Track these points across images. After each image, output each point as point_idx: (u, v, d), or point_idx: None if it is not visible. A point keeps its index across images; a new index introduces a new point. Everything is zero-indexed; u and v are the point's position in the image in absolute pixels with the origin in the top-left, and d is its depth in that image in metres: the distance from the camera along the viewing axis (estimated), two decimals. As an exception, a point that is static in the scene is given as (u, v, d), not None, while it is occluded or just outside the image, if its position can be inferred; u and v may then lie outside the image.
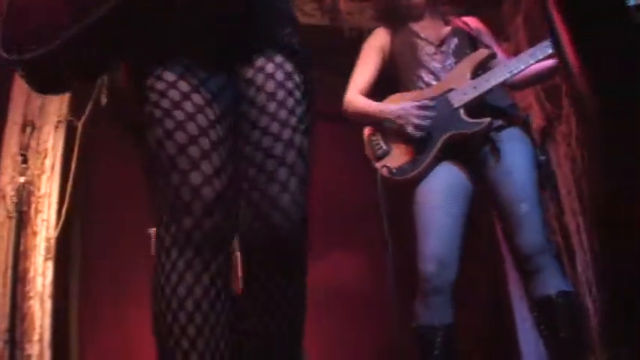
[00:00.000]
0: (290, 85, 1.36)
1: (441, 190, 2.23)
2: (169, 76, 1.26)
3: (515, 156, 2.23)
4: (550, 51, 2.17)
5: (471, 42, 2.38)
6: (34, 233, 2.88)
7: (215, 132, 1.26)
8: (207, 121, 1.25)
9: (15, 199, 2.79)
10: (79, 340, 3.88)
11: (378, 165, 2.33)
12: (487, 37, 2.48)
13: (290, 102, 1.34)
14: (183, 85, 1.26)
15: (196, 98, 1.26)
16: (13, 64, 1.23)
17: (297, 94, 1.36)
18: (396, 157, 2.30)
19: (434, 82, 2.34)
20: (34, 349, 2.76)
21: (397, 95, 2.39)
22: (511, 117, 2.32)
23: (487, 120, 2.21)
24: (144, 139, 1.29)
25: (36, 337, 2.78)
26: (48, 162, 2.98)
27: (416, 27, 2.45)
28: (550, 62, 2.28)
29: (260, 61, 1.37)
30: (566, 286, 2.16)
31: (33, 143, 2.97)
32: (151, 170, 1.29)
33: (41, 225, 2.90)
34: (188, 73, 1.28)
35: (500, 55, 2.43)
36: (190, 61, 1.29)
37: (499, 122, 2.27)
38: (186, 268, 1.20)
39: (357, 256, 3.76)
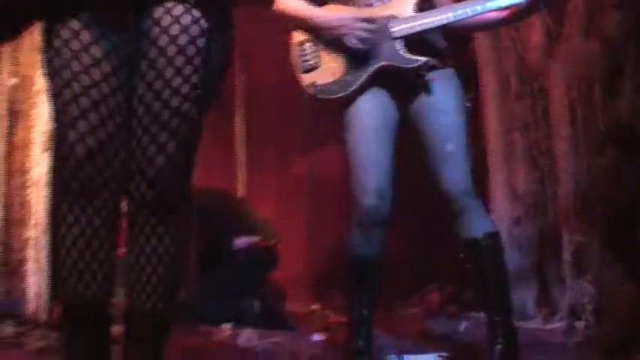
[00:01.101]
0: (191, 50, 1.38)
1: (373, 117, 2.19)
2: (85, 35, 1.36)
3: (445, 96, 2.17)
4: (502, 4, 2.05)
5: None
6: (30, 127, 3.07)
7: (107, 84, 1.37)
8: (100, 74, 1.36)
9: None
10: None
11: (304, 79, 2.23)
12: None
13: (186, 69, 1.38)
14: (85, 36, 1.36)
15: (94, 50, 1.36)
16: None
17: (197, 59, 1.39)
18: (323, 74, 2.20)
19: (375, 3, 2.21)
20: (30, 233, 3.05)
21: (333, 6, 2.24)
22: (445, 59, 2.23)
23: (423, 59, 2.13)
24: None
25: (32, 222, 3.05)
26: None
27: None
28: (498, 14, 2.15)
29: (158, 10, 1.39)
30: (491, 228, 2.18)
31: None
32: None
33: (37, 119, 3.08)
34: (92, 24, 1.36)
35: None
36: (96, 11, 1.36)
37: (433, 61, 2.18)
38: (68, 208, 1.40)
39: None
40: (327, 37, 2.19)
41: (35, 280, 2.99)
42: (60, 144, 1.41)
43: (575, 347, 2.40)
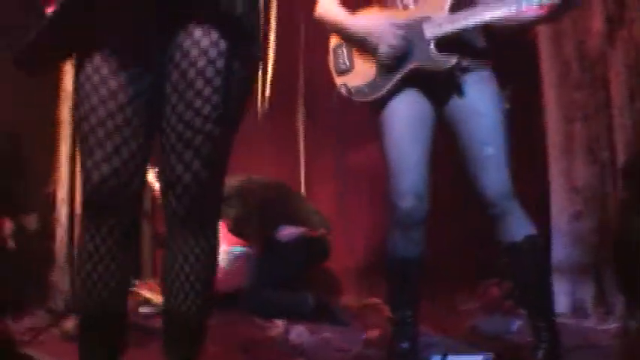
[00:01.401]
0: (210, 72, 1.43)
1: (408, 118, 2.19)
2: (104, 69, 1.47)
3: (481, 97, 2.14)
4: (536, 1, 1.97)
5: None
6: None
7: (122, 115, 1.47)
8: (115, 105, 1.47)
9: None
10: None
11: (337, 81, 2.27)
12: None
13: (207, 91, 1.43)
14: (104, 70, 1.47)
15: (111, 82, 1.47)
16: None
17: (218, 81, 1.44)
18: (357, 76, 2.23)
19: (412, 5, 2.21)
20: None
21: (372, 9, 2.27)
22: (483, 59, 2.19)
23: (454, 59, 2.09)
24: None
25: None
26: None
27: None
28: (535, 12, 2.07)
29: (185, 40, 1.45)
30: (531, 231, 2.12)
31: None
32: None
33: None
34: (113, 57, 1.47)
35: None
36: (117, 44, 1.46)
37: (467, 63, 2.14)
38: (86, 226, 1.53)
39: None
40: (360, 44, 2.22)
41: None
42: (81, 169, 1.54)
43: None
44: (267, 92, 3.65)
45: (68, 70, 2.84)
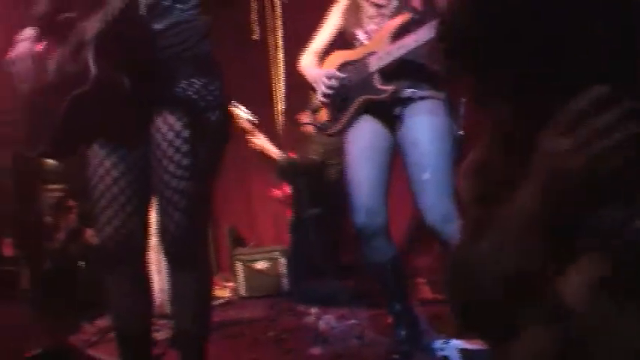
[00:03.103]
0: (178, 142, 1.82)
1: (364, 143, 2.44)
2: (100, 153, 1.91)
3: (419, 128, 2.33)
4: None
5: (408, 4, 2.39)
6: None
7: (117, 186, 1.89)
8: (111, 180, 1.90)
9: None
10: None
11: (311, 119, 2.65)
12: None
13: (177, 156, 1.83)
14: (101, 154, 1.91)
15: (106, 163, 1.90)
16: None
17: (185, 147, 1.82)
18: (323, 113, 2.57)
19: (365, 42, 2.46)
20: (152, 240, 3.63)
21: (335, 53, 2.59)
22: (431, 87, 2.37)
23: (390, 89, 2.33)
24: None
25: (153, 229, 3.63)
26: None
27: None
28: None
29: (158, 121, 1.85)
30: None
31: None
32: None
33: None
34: (105, 145, 1.91)
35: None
36: (115, 140, 1.90)
37: (409, 94, 2.36)
38: (103, 269, 1.97)
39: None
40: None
41: (158, 279, 3.58)
42: (96, 228, 1.98)
43: None
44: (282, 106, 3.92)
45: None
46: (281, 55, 3.84)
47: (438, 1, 2.36)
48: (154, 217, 1.99)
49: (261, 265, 4.41)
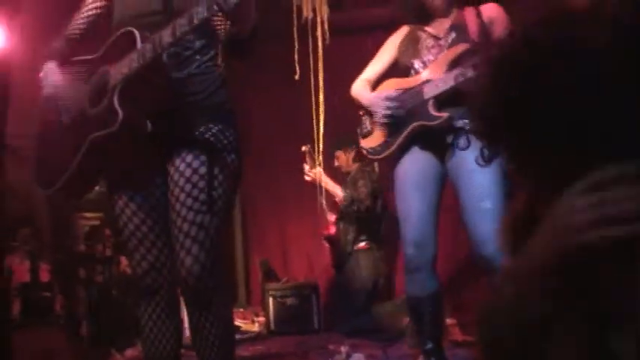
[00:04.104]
0: (195, 178, 1.90)
1: (414, 175, 2.46)
2: (123, 199, 2.02)
3: (476, 158, 2.29)
4: None
5: (467, 36, 2.43)
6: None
7: (145, 226, 2.00)
8: (138, 221, 2.01)
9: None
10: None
11: (361, 143, 2.66)
12: (499, 26, 2.43)
13: (194, 192, 1.89)
14: (124, 199, 2.02)
15: (131, 206, 2.01)
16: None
17: (202, 183, 1.89)
18: (374, 138, 2.59)
19: (421, 70, 2.51)
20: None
21: (389, 80, 2.62)
22: None
23: (445, 115, 2.36)
24: None
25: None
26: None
27: (432, 22, 2.55)
28: None
29: (177, 160, 1.93)
30: None
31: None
32: None
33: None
34: (134, 198, 2.01)
35: None
36: (135, 186, 2.00)
37: (462, 122, 2.37)
38: (139, 301, 2.06)
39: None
40: (368, 113, 2.62)
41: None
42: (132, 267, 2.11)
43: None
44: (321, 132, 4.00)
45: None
46: (321, 97, 3.90)
47: (494, 31, 2.42)
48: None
49: (292, 301, 4.42)
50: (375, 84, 2.67)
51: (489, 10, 2.51)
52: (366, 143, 2.63)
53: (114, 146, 1.86)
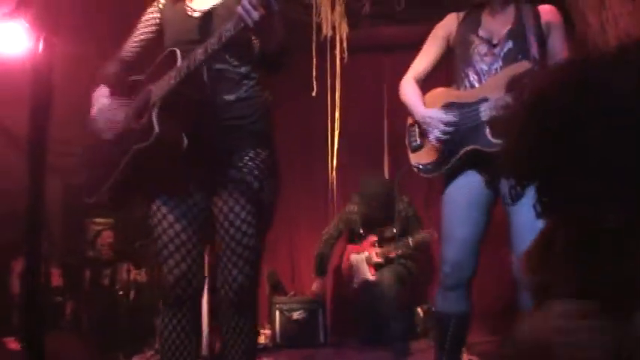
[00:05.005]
0: (243, 214, 2.06)
1: (462, 200, 2.38)
2: (163, 209, 2.13)
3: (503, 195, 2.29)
4: None
5: (525, 47, 2.31)
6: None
7: (180, 238, 2.10)
8: (174, 233, 2.11)
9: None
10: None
11: (411, 157, 2.56)
12: (556, 34, 2.35)
13: (243, 226, 2.07)
14: (164, 210, 2.13)
15: (169, 217, 2.12)
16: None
17: (249, 218, 2.06)
18: (425, 154, 2.48)
19: (477, 84, 2.38)
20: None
21: (442, 90, 2.52)
22: None
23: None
24: None
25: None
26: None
27: (485, 18, 2.43)
28: None
29: (219, 202, 2.08)
30: None
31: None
32: None
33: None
34: (167, 201, 2.13)
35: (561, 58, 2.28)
36: (176, 198, 2.12)
37: None
38: (165, 312, 2.14)
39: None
40: (420, 127, 2.52)
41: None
42: (161, 272, 2.17)
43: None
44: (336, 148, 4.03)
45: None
46: (337, 114, 3.93)
47: (552, 42, 2.34)
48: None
49: (298, 314, 4.44)
50: (424, 82, 2.57)
51: (549, 14, 2.38)
52: (417, 159, 2.52)
53: (153, 158, 1.97)
